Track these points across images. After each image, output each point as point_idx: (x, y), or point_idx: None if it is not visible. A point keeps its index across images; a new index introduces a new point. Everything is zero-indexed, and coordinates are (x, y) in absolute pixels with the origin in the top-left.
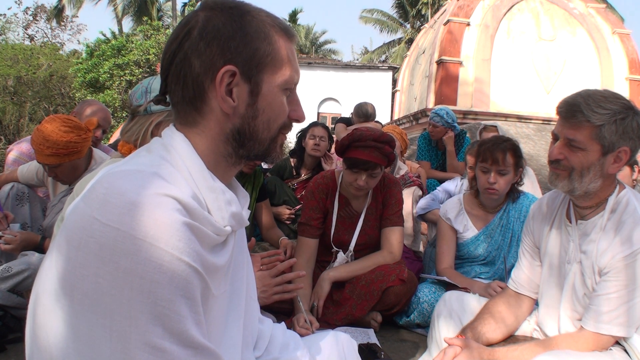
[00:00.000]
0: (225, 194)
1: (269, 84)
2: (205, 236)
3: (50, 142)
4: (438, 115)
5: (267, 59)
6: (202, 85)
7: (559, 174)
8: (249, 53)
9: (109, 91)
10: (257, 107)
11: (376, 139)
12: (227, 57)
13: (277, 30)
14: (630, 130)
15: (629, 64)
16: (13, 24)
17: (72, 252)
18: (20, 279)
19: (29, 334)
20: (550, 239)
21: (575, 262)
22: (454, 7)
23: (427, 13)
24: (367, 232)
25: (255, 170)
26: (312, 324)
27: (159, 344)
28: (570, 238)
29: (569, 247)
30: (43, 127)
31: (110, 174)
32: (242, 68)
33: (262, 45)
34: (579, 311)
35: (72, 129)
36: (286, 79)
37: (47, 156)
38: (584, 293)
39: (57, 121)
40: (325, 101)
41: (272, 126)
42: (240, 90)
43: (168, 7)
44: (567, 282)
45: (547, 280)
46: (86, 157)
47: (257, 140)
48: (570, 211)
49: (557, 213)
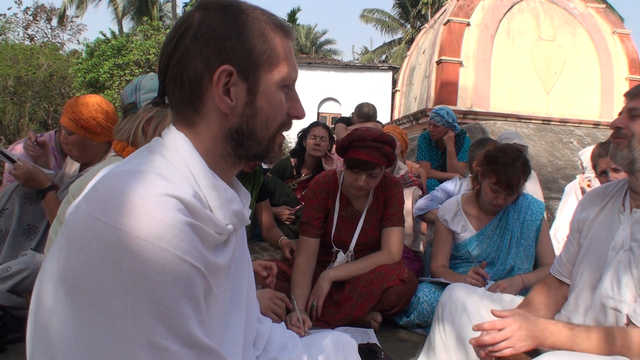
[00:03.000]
0: (227, 192)
1: (267, 82)
2: (208, 236)
3: (78, 108)
4: (438, 115)
5: (263, 57)
6: (199, 85)
7: (620, 142)
8: (245, 52)
9: (109, 91)
10: (256, 106)
11: (376, 139)
12: (223, 56)
13: (273, 28)
14: None
15: (629, 64)
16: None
17: (74, 253)
18: (20, 278)
19: (30, 334)
20: (596, 223)
21: (623, 249)
22: (454, 7)
23: (427, 13)
24: (368, 232)
25: (256, 170)
26: (305, 323)
27: (162, 344)
28: (620, 225)
29: (616, 234)
30: (84, 96)
31: (111, 174)
32: (239, 67)
33: (258, 43)
34: (615, 298)
35: (103, 111)
36: (284, 76)
37: (68, 119)
38: (625, 282)
39: (99, 98)
40: (325, 101)
41: (270, 125)
42: (238, 89)
43: (168, 7)
44: (608, 269)
45: (582, 264)
46: (100, 147)
47: (255, 140)
48: (627, 199)
49: (611, 199)
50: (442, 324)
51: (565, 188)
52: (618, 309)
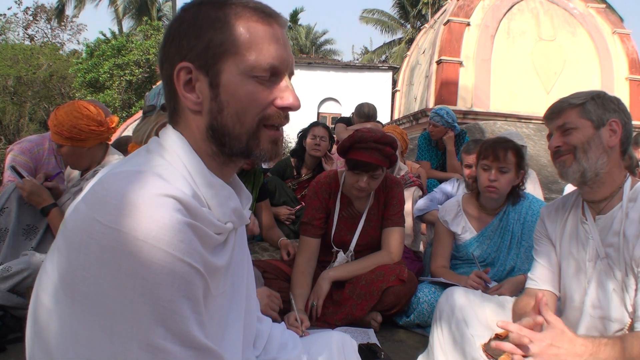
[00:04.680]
0: (224, 189)
1: (229, 73)
2: (207, 236)
3: (58, 121)
4: (438, 115)
5: (222, 47)
6: (171, 86)
7: (565, 159)
8: (201, 46)
9: (109, 91)
10: (221, 100)
11: (377, 140)
12: (182, 54)
13: (243, 14)
14: (609, 103)
15: (629, 64)
16: (13, 24)
17: (73, 254)
18: (20, 278)
19: (30, 334)
20: (564, 239)
21: (599, 258)
22: (454, 7)
23: (427, 13)
24: (368, 233)
25: (256, 170)
26: (303, 322)
27: (161, 344)
28: (588, 236)
29: (587, 246)
30: (61, 106)
31: (110, 175)
32: (197, 62)
33: (215, 34)
34: (604, 307)
35: (82, 116)
36: (250, 64)
37: (53, 133)
38: (613, 288)
39: (75, 105)
40: (325, 101)
41: (243, 118)
42: (201, 85)
43: (168, 7)
44: (591, 281)
45: (569, 282)
46: (94, 151)
47: (232, 136)
48: (586, 210)
49: (570, 213)
50: (440, 328)
51: (565, 188)
52: (607, 317)
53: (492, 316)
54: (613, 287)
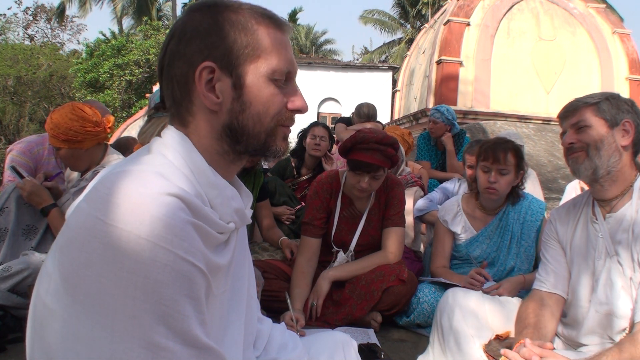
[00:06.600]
0: (226, 189)
1: (253, 75)
2: (209, 235)
3: (53, 124)
4: (438, 112)
5: (247, 49)
6: (186, 85)
7: (578, 156)
8: (226, 46)
9: (109, 91)
10: (244, 100)
11: (379, 141)
12: (204, 53)
13: (260, 20)
14: (623, 104)
15: (629, 64)
16: (13, 24)
17: (75, 252)
18: (20, 278)
19: (30, 334)
20: (575, 240)
21: (609, 256)
22: (454, 7)
23: (427, 13)
24: (369, 233)
25: (256, 170)
26: (298, 321)
27: (163, 343)
28: (598, 234)
29: (597, 244)
30: (56, 110)
31: (112, 173)
32: (221, 62)
33: (239, 36)
34: (610, 304)
35: (77, 118)
36: (272, 68)
37: (50, 137)
38: (621, 286)
39: (69, 107)
40: (325, 101)
41: (263, 119)
42: (223, 85)
43: (168, 7)
44: (600, 278)
45: (577, 280)
46: (93, 152)
47: (250, 135)
48: (596, 209)
49: (581, 213)
50: (440, 328)
51: (565, 188)
52: (613, 314)
53: (492, 316)
54: (622, 284)
